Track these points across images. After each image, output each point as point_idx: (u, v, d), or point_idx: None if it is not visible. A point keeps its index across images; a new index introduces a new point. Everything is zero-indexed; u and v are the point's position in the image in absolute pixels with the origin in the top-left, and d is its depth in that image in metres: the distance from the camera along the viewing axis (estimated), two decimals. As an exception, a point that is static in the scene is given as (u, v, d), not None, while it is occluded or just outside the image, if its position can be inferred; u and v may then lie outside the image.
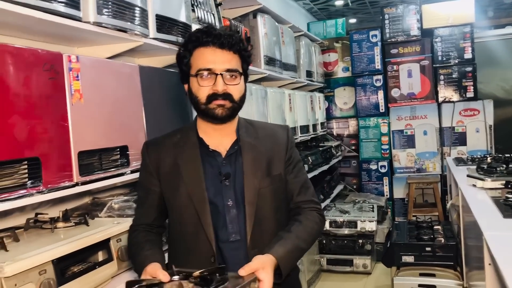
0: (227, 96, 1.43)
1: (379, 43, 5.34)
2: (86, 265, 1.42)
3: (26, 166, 1.35)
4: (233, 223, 1.44)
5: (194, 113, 2.30)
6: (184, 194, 1.45)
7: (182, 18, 2.25)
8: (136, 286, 1.13)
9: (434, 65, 5.13)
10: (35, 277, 1.22)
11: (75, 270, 1.38)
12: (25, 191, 1.33)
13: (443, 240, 3.16)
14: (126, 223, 1.62)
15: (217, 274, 1.12)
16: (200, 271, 1.14)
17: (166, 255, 1.56)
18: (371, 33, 5.36)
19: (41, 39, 1.78)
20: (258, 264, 1.27)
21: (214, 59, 1.43)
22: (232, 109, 1.45)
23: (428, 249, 3.11)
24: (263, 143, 1.52)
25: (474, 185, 2.57)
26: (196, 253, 1.45)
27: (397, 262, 3.17)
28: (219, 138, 1.51)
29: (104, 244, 1.51)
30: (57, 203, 1.81)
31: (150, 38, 2.01)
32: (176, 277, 1.14)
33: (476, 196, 2.40)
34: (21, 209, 1.66)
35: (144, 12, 1.94)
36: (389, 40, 5.24)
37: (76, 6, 1.57)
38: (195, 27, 2.46)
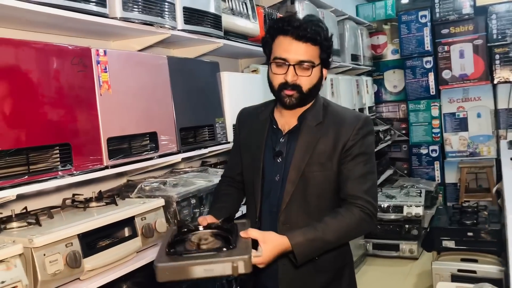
0: (295, 87, 1.50)
1: (429, 24, 5.15)
2: (111, 240, 1.57)
3: (57, 151, 1.51)
4: (274, 196, 1.56)
5: (225, 99, 2.45)
6: (248, 159, 1.65)
7: (212, 9, 2.34)
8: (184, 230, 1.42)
9: (488, 44, 4.90)
10: (62, 249, 1.38)
11: (101, 244, 1.54)
12: (56, 173, 1.50)
13: (486, 225, 3.06)
14: (151, 203, 1.76)
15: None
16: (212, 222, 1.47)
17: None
18: (420, 13, 5.19)
19: (76, 34, 1.94)
20: (258, 234, 1.36)
21: (289, 49, 1.49)
22: (300, 99, 1.52)
23: (469, 234, 3.03)
24: (324, 129, 1.55)
25: (517, 169, 2.49)
26: (251, 214, 1.64)
27: (437, 246, 3.12)
28: (288, 118, 1.61)
29: (129, 222, 1.66)
30: (95, 183, 1.98)
31: (178, 30, 2.12)
32: (201, 228, 1.41)
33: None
34: (61, 189, 1.84)
35: (171, 5, 2.05)
36: (439, 20, 5.06)
37: (102, 4, 1.71)
38: (226, 17, 2.55)
